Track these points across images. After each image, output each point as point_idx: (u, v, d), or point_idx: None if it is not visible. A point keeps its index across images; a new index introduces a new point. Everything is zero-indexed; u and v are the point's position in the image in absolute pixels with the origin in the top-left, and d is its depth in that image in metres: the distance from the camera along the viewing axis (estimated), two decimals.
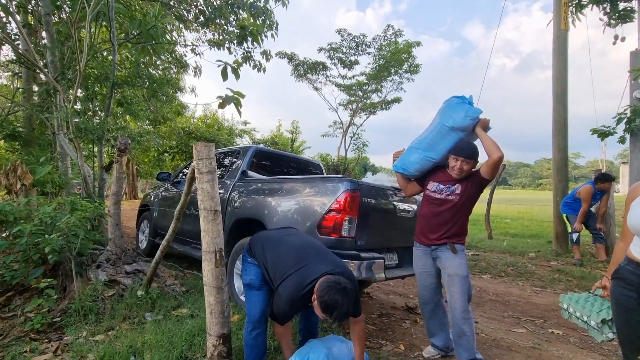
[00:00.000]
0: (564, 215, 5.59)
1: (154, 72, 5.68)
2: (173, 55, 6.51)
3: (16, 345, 2.22)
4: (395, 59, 8.66)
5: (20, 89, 6.08)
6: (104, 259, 3.31)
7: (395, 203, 2.86)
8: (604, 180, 5.03)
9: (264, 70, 6.16)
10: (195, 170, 1.96)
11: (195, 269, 3.95)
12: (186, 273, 3.89)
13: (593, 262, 5.15)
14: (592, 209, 5.25)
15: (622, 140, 5.54)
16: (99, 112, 4.34)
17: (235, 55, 6.41)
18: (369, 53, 9.16)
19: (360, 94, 10.61)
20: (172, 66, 6.78)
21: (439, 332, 2.35)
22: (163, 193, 4.73)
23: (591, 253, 5.66)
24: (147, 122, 10.59)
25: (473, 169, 2.18)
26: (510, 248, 6.56)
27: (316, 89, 10.22)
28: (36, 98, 5.68)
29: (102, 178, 4.26)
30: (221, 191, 3.52)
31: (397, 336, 2.74)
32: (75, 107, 3.83)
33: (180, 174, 4.73)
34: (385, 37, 8.80)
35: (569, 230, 5.47)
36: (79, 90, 4.71)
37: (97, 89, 4.43)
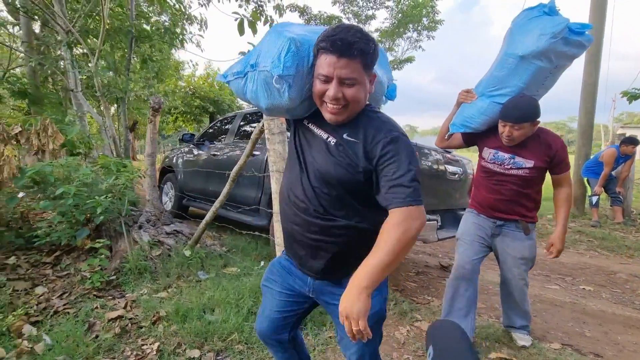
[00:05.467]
0: (585, 179, 5.64)
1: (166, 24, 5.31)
2: (180, 4, 6.07)
3: (83, 302, 2.28)
4: (415, 13, 8.11)
5: (22, 43, 5.71)
6: (144, 220, 3.31)
7: (442, 165, 2.84)
8: (629, 143, 5.01)
9: (271, 24, 5.80)
10: (266, 131, 1.89)
11: (227, 231, 3.99)
12: (221, 234, 3.94)
13: (610, 224, 5.30)
14: (613, 172, 5.30)
15: None
16: (122, 69, 4.10)
17: (245, 9, 5.99)
18: (386, 7, 8.56)
19: None
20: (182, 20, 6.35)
21: (464, 316, 1.89)
22: (188, 155, 4.65)
23: (606, 215, 5.81)
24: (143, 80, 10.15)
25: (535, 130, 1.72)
26: None
27: None
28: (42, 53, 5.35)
29: (127, 138, 4.15)
30: (257, 152, 3.45)
31: (440, 292, 2.86)
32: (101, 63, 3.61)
33: (204, 137, 4.62)
34: None
35: (589, 193, 5.55)
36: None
37: (115, 42, 4.14)
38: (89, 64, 3.95)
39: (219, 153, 3.99)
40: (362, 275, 0.80)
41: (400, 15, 8.36)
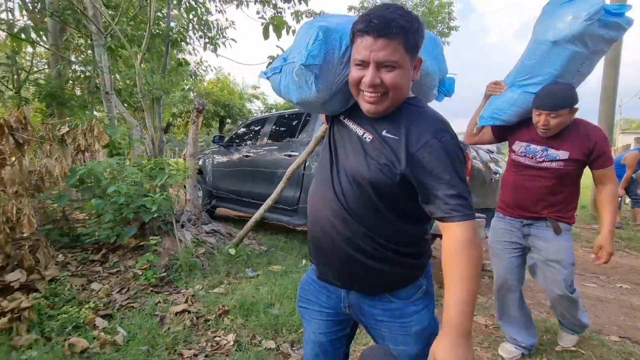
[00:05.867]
0: None
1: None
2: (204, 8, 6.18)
3: (142, 297, 2.31)
4: (430, 20, 8.25)
5: (51, 45, 5.80)
6: (185, 219, 3.36)
7: (488, 163, 2.90)
8: None
9: (294, 32, 5.90)
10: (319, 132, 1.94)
11: (260, 230, 4.04)
12: (256, 234, 3.98)
13: (632, 226, 5.36)
14: (634, 175, 5.37)
15: None
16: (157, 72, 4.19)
17: (264, 15, 6.09)
18: None
19: None
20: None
21: (525, 327, 1.82)
22: (217, 157, 4.71)
23: (626, 217, 5.87)
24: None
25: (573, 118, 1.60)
26: None
27: None
28: (72, 57, 5.45)
29: (162, 139, 4.21)
30: (295, 153, 3.52)
31: (483, 290, 2.90)
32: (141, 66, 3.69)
33: (235, 138, 4.69)
34: None
35: None
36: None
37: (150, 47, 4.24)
38: (121, 68, 4.01)
39: (252, 154, 4.06)
40: (457, 315, 0.68)
41: None
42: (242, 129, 4.70)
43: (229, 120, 13.68)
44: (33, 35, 4.03)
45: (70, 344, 1.68)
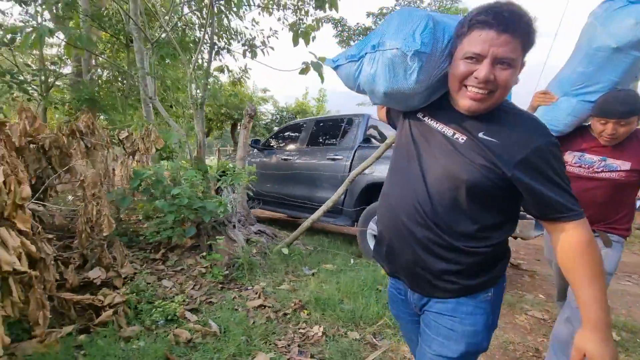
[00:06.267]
0: None
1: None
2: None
3: (215, 293, 2.45)
4: None
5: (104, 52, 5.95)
6: (236, 220, 3.50)
7: None
8: None
9: (314, 38, 6.05)
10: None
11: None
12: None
13: None
14: None
15: None
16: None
17: (284, 23, 6.25)
18: None
19: None
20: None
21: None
22: (252, 160, 4.85)
23: None
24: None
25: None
26: None
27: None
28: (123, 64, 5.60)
29: (204, 143, 4.36)
30: (339, 157, 3.66)
31: (527, 287, 3.04)
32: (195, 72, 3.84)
33: (271, 142, 4.84)
34: (442, 2, 8.55)
35: None
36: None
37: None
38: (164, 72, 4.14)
39: (291, 158, 4.20)
40: (600, 312, 0.70)
41: None
42: (278, 134, 4.85)
43: (239, 124, 13.81)
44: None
45: (175, 334, 1.82)
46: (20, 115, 2.41)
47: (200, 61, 4.56)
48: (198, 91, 3.65)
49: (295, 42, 4.48)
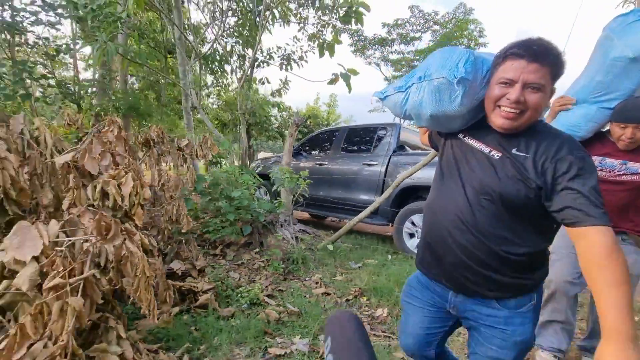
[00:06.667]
0: None
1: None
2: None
3: (282, 283, 2.79)
4: (457, 35, 8.85)
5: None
6: (282, 220, 3.85)
7: None
8: None
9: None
10: None
11: (328, 230, 4.52)
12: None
13: None
14: None
15: None
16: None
17: (303, 34, 6.62)
18: (433, 30, 9.33)
19: (406, 69, 10.86)
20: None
21: (565, 333, 1.83)
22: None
23: None
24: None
25: None
26: None
27: (371, 64, 10.49)
28: (165, 76, 5.97)
29: (247, 150, 4.72)
30: (374, 162, 4.02)
31: None
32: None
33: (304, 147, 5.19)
34: (455, 15, 8.95)
35: None
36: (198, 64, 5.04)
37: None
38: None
39: (326, 162, 4.55)
40: (622, 321, 0.66)
41: (441, 36, 9.12)
42: (310, 141, 5.20)
43: (252, 129, 14.20)
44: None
45: (266, 314, 2.17)
46: (110, 126, 2.77)
47: (239, 73, 4.93)
48: (247, 102, 4.01)
49: (321, 54, 4.86)
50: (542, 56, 0.83)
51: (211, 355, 1.80)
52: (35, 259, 1.39)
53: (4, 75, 4.08)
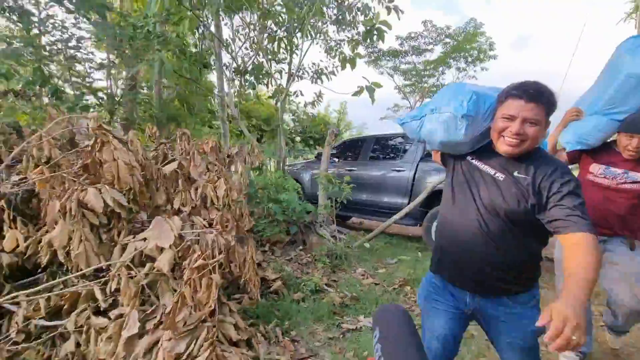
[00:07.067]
0: None
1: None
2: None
3: (331, 274, 3.17)
4: (467, 47, 9.30)
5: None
6: (321, 220, 4.24)
7: None
8: None
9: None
10: None
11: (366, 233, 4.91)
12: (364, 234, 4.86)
13: None
14: None
15: None
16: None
17: (320, 46, 7.05)
18: (445, 43, 9.79)
19: (416, 78, 11.31)
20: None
21: (588, 336, 1.94)
22: (315, 170, 5.61)
23: None
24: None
25: None
26: None
27: (383, 73, 10.99)
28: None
29: (286, 157, 5.13)
30: (403, 169, 4.42)
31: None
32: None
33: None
34: (466, 28, 9.41)
35: None
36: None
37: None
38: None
39: (356, 168, 4.95)
40: (580, 290, 0.82)
41: (451, 47, 9.58)
42: (337, 148, 5.60)
43: (264, 135, 14.61)
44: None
45: (331, 297, 2.55)
46: (181, 137, 3.18)
47: (273, 84, 5.36)
48: (288, 115, 4.42)
49: (343, 67, 5.30)
50: (537, 97, 1.00)
51: (296, 330, 2.18)
52: (170, 246, 1.78)
53: (63, 88, 4.51)
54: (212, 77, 7.13)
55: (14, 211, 1.88)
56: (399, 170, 4.43)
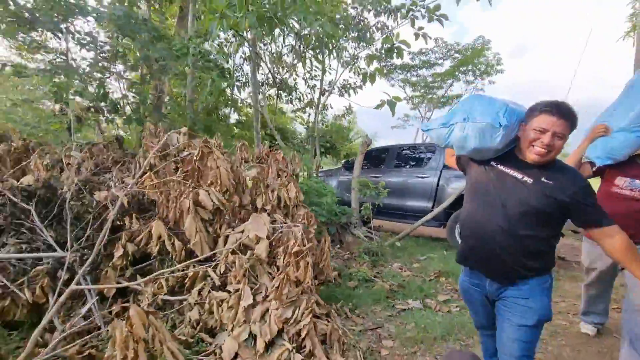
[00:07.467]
0: None
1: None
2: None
3: (372, 268, 3.60)
4: (474, 61, 9.89)
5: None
6: (354, 221, 4.69)
7: None
8: None
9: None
10: None
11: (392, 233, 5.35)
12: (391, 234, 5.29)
13: None
14: None
15: None
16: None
17: (330, 60, 7.57)
18: (454, 58, 10.38)
19: (424, 89, 11.86)
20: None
21: (604, 309, 2.33)
22: (342, 177, 6.06)
23: None
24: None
25: None
26: None
27: (394, 85, 11.59)
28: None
29: (317, 165, 5.59)
30: (427, 175, 4.88)
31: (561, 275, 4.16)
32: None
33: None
34: (474, 45, 9.99)
35: None
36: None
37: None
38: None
39: (381, 176, 5.41)
40: None
41: (459, 61, 10.14)
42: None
43: (276, 142, 15.08)
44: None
45: (381, 285, 2.98)
46: (240, 147, 3.64)
47: (303, 100, 5.86)
48: (319, 125, 4.90)
49: (365, 82, 5.80)
50: (567, 115, 1.17)
51: (359, 310, 2.61)
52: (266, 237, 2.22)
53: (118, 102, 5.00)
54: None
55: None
56: (422, 177, 4.89)
